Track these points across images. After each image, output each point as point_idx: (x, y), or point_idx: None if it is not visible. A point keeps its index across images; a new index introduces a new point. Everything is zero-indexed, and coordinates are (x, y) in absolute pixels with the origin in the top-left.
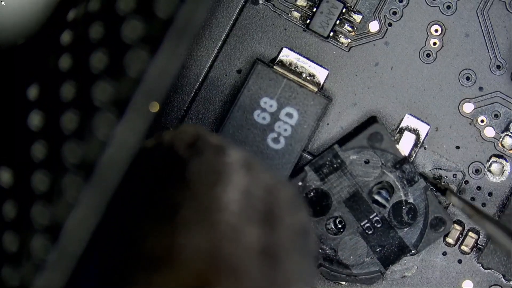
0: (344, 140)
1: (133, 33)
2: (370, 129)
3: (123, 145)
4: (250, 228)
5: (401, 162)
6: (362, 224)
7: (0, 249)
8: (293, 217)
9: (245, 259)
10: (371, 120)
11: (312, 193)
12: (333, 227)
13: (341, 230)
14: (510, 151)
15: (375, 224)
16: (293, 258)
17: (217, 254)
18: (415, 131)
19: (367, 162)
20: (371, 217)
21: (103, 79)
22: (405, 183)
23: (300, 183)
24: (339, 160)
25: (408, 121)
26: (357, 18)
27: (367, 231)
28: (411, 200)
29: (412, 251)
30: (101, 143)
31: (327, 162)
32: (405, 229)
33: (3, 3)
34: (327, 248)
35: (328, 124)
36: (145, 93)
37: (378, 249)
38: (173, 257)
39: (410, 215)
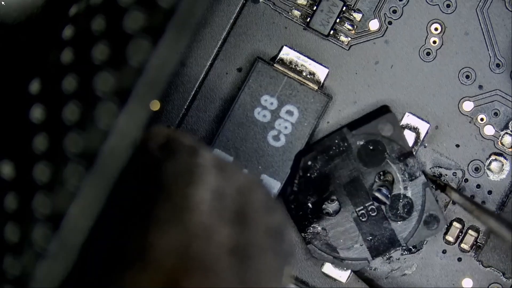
0: (354, 124)
1: (135, 23)
2: (384, 117)
3: (124, 134)
4: (221, 227)
5: (405, 155)
6: (357, 210)
7: (1, 239)
8: (266, 217)
9: (216, 257)
10: (384, 109)
11: (315, 173)
12: (329, 208)
13: (336, 212)
14: (510, 149)
15: (370, 213)
16: (264, 258)
17: (188, 253)
18: (415, 129)
19: (373, 150)
20: (367, 204)
21: (105, 70)
22: (406, 176)
23: (309, 163)
24: (346, 144)
25: (408, 119)
26: (357, 16)
27: (361, 217)
28: (409, 195)
29: (402, 245)
30: (103, 133)
31: (334, 144)
32: (399, 222)
33: (3, 3)
34: (319, 228)
35: (328, 122)
36: (147, 82)
37: (369, 238)
38: (144, 257)
39: (405, 209)
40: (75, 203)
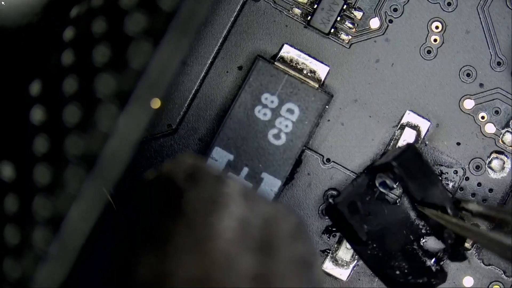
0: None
1: (136, 26)
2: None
3: (125, 137)
4: (244, 256)
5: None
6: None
7: (1, 241)
8: (292, 246)
9: (237, 286)
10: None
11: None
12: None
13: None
14: (511, 148)
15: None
16: (288, 287)
17: (208, 281)
18: (416, 128)
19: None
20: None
21: (106, 72)
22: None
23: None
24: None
25: (409, 117)
26: (358, 14)
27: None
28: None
29: None
30: (104, 135)
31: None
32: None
33: (3, 3)
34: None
35: (329, 120)
36: (148, 85)
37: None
38: (161, 284)
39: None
40: (75, 206)
